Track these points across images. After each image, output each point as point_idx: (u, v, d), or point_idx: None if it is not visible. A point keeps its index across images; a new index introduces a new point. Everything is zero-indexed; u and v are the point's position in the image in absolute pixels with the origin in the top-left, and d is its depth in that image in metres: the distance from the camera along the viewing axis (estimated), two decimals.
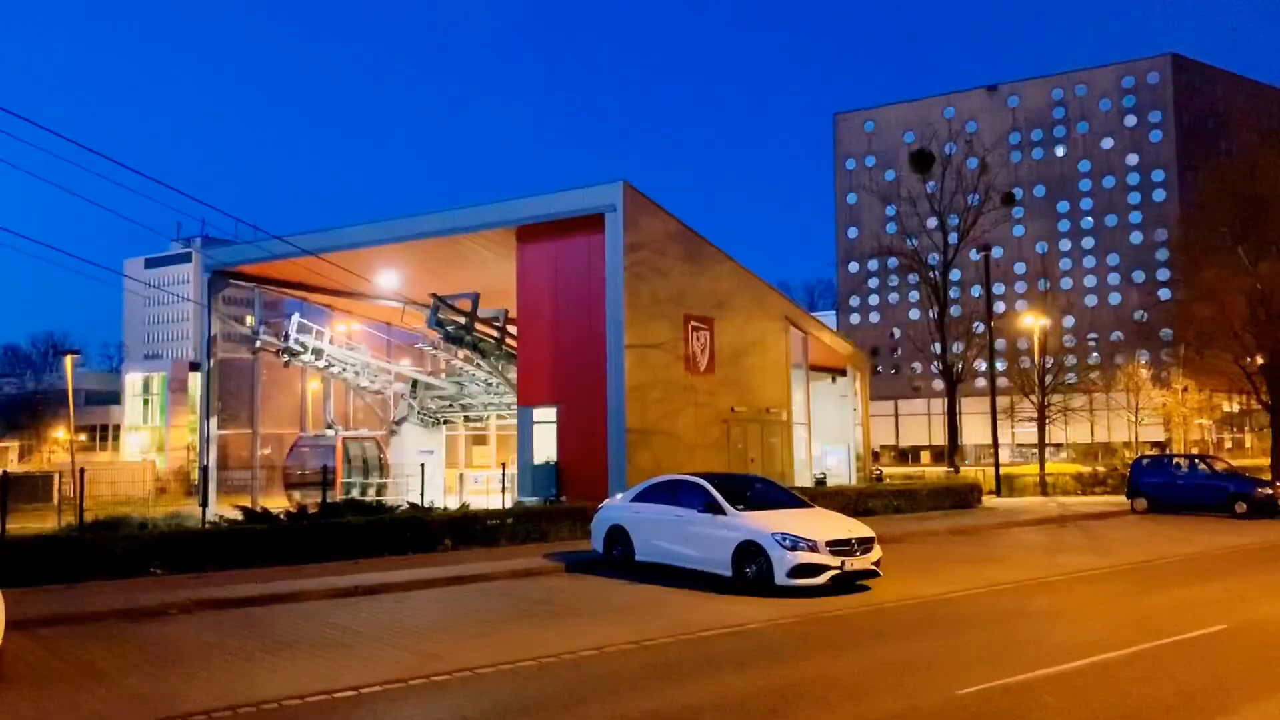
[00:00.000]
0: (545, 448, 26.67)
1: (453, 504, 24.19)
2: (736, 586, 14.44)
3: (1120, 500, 30.98)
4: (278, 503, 25.51)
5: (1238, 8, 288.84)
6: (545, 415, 26.91)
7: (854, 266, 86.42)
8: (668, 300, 27.22)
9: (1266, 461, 35.88)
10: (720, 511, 15.14)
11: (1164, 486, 29.47)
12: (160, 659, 10.45)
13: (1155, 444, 62.74)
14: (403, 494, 28.44)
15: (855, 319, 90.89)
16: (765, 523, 14.62)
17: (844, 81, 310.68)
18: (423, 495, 23.65)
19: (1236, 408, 63.58)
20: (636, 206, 25.97)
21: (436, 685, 9.26)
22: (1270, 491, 28.22)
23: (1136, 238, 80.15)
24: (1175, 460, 32.11)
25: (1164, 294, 61.20)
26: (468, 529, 19.62)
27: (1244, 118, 71.86)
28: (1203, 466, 30.14)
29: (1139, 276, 77.93)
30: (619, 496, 18.32)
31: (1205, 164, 62.95)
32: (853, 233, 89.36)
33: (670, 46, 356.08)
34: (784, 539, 14.09)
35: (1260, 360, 34.67)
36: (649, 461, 24.23)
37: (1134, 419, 58.58)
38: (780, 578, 13.95)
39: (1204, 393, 54.92)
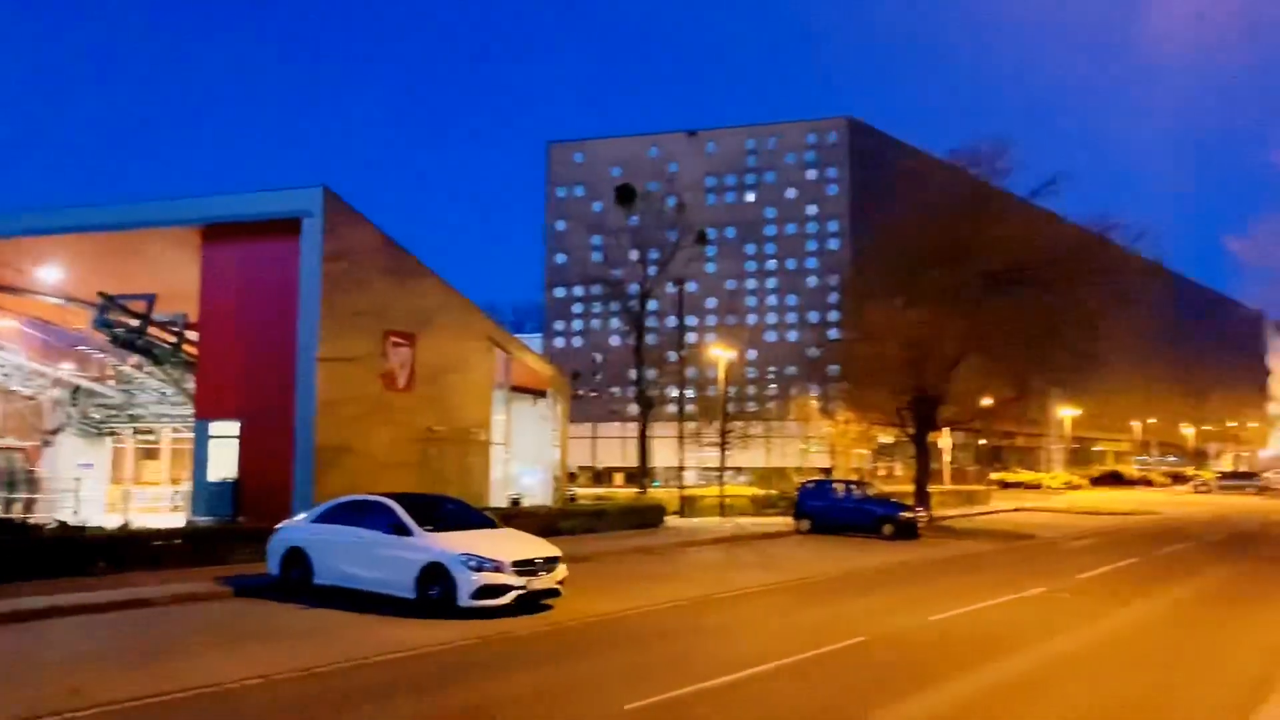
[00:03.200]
0: (225, 464, 25.01)
1: (117, 523, 22.11)
2: (420, 609, 14.24)
3: (789, 521, 33.52)
4: None
5: (910, 78, 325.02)
6: (226, 429, 25.24)
7: (560, 292, 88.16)
8: (368, 314, 26.47)
9: (912, 488, 40.08)
10: (407, 533, 14.90)
11: (825, 509, 32.29)
12: None
13: (822, 470, 68.42)
14: (56, 511, 25.66)
15: (560, 343, 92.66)
16: (452, 544, 14.56)
17: (559, 111, 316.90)
18: (77, 512, 21.48)
19: (891, 439, 70.66)
20: (338, 214, 25.10)
21: None
22: (912, 515, 31.65)
23: (813, 281, 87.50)
24: (834, 485, 35.28)
25: (833, 334, 67.17)
26: (129, 550, 18.01)
27: (908, 180, 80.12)
28: (857, 492, 33.34)
29: (814, 316, 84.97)
30: (300, 516, 17.55)
31: (873, 219, 69.97)
32: (561, 259, 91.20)
33: (390, 65, 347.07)
34: (470, 560, 14.10)
35: (909, 397, 38.81)
36: (340, 482, 23.29)
37: (804, 446, 63.75)
38: (464, 599, 13.93)
39: (863, 424, 60.54)
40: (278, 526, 17.25)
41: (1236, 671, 11.43)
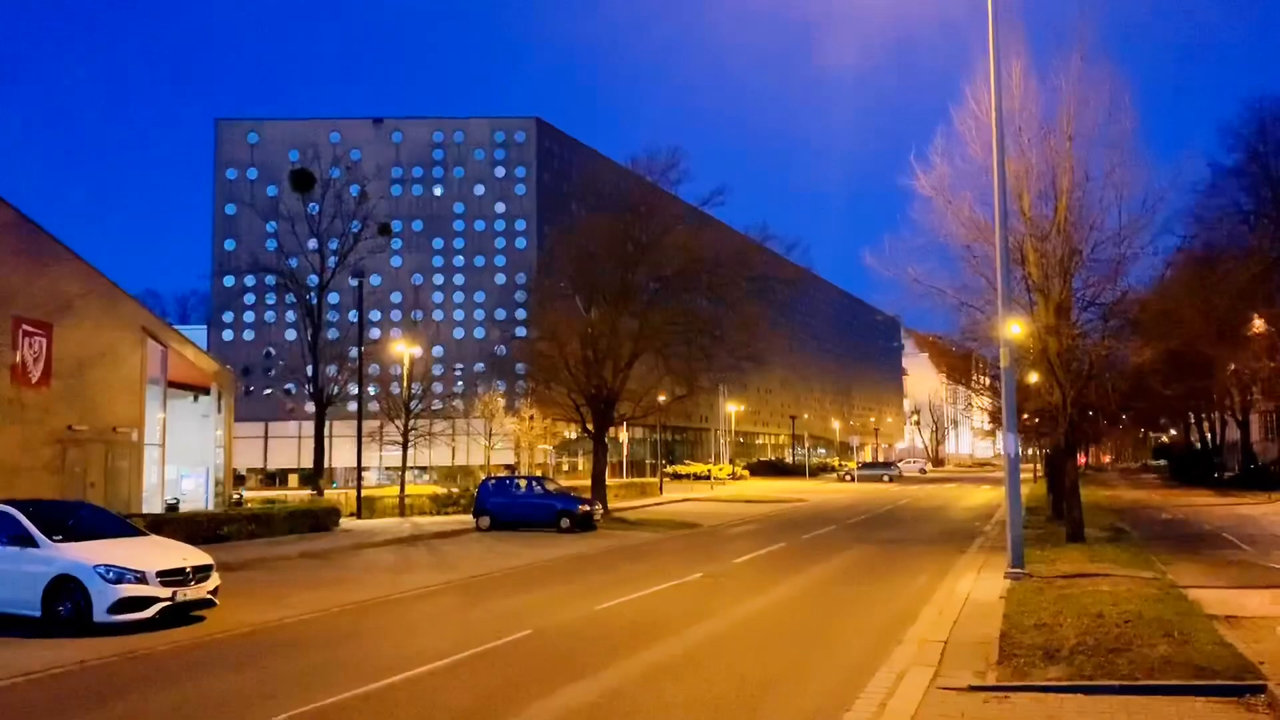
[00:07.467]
0: None
1: None
2: (49, 628, 12.93)
3: (470, 519, 33.49)
4: None
5: (597, 86, 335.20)
6: None
7: (230, 280, 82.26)
8: None
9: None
10: (32, 543, 13.44)
11: (506, 506, 32.59)
12: None
13: (507, 466, 68.93)
14: None
15: (229, 335, 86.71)
16: (88, 554, 13.31)
17: (228, 87, 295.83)
18: None
19: (574, 434, 72.51)
20: None
21: None
22: (589, 508, 32.65)
23: (500, 279, 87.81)
24: (516, 481, 35.67)
25: (520, 332, 67.89)
26: None
27: (589, 184, 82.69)
28: (537, 487, 33.90)
29: (501, 314, 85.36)
30: None
31: (558, 220, 71.44)
32: (230, 245, 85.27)
33: (45, 33, 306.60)
34: (108, 571, 12.95)
35: (588, 394, 40.00)
36: None
37: (488, 444, 63.96)
38: (100, 614, 12.78)
39: (547, 421, 61.70)
40: None
41: (857, 645, 12.80)
